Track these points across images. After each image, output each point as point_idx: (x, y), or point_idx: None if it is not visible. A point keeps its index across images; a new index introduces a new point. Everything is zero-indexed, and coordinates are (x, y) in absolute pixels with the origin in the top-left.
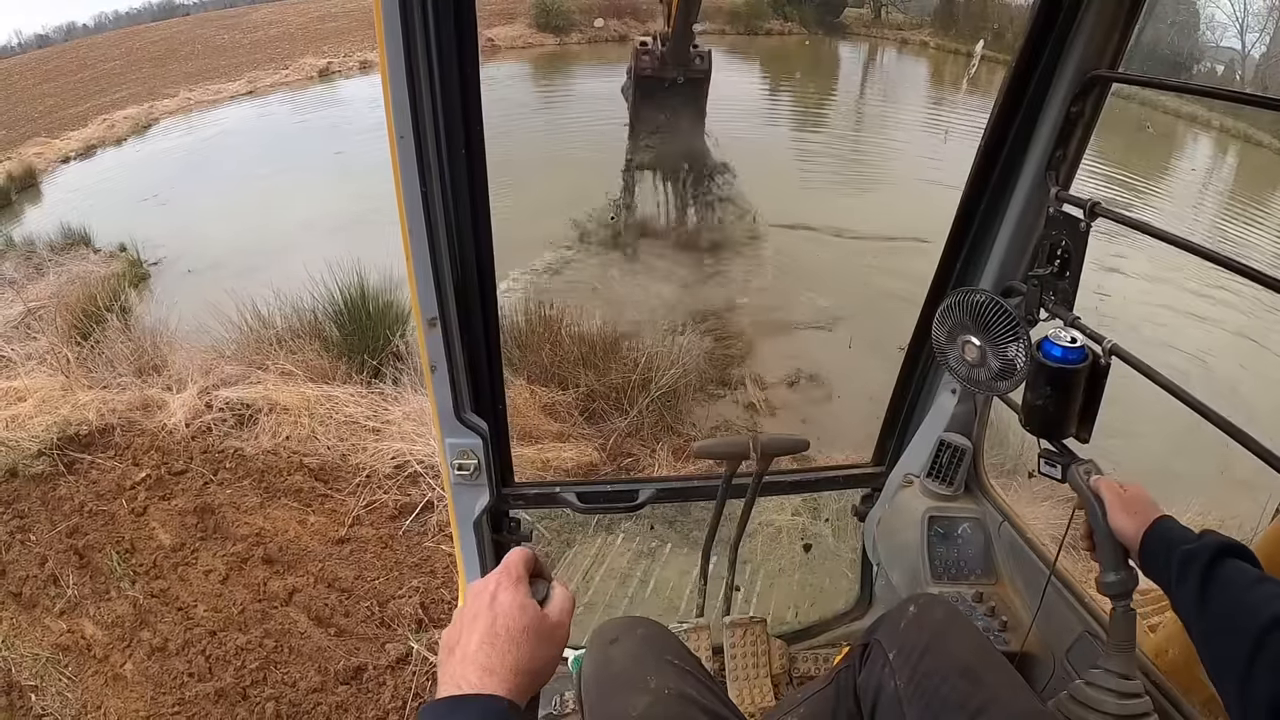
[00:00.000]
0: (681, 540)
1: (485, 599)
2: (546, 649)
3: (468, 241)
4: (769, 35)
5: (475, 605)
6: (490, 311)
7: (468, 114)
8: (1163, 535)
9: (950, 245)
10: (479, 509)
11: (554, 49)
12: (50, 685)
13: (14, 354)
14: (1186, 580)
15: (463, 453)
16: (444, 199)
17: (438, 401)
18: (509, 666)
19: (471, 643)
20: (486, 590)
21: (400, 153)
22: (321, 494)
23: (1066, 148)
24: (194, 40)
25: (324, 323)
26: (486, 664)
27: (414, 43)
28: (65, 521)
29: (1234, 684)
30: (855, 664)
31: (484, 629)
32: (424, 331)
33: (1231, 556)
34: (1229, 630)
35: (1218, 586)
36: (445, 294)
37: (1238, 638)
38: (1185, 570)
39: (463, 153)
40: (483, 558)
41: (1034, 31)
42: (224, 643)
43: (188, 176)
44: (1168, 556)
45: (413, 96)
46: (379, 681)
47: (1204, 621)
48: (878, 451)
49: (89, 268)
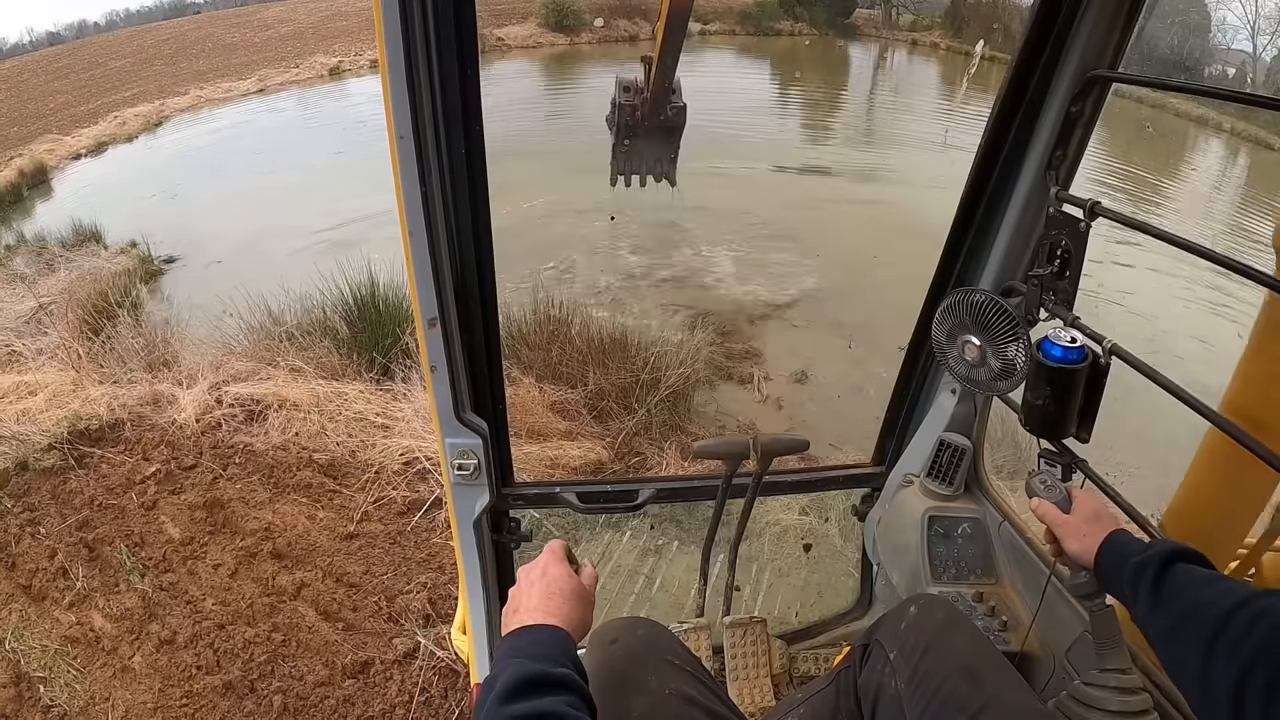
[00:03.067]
0: (688, 538)
1: (539, 571)
2: (585, 608)
3: (468, 242)
4: (779, 35)
5: (531, 575)
6: (490, 312)
7: (468, 114)
8: (1115, 551)
9: (950, 245)
10: (479, 509)
11: (564, 49)
12: (59, 677)
13: (25, 349)
14: (1139, 589)
15: (463, 453)
16: (444, 199)
17: (438, 401)
18: (564, 614)
19: (532, 599)
20: (539, 565)
21: (400, 153)
22: (330, 490)
23: (1066, 147)
24: (205, 38)
25: (334, 320)
26: (546, 610)
27: (414, 43)
28: (75, 515)
29: (1194, 678)
30: (855, 664)
31: (541, 590)
32: (424, 332)
33: (1182, 561)
34: (1185, 627)
35: (1171, 590)
36: (445, 294)
37: (1194, 631)
38: (1138, 580)
39: (463, 153)
40: (483, 558)
41: (1034, 31)
42: (232, 636)
43: (198, 174)
44: (1120, 570)
45: (413, 97)
46: (386, 676)
47: (1160, 622)
48: (878, 451)
49: (100, 264)
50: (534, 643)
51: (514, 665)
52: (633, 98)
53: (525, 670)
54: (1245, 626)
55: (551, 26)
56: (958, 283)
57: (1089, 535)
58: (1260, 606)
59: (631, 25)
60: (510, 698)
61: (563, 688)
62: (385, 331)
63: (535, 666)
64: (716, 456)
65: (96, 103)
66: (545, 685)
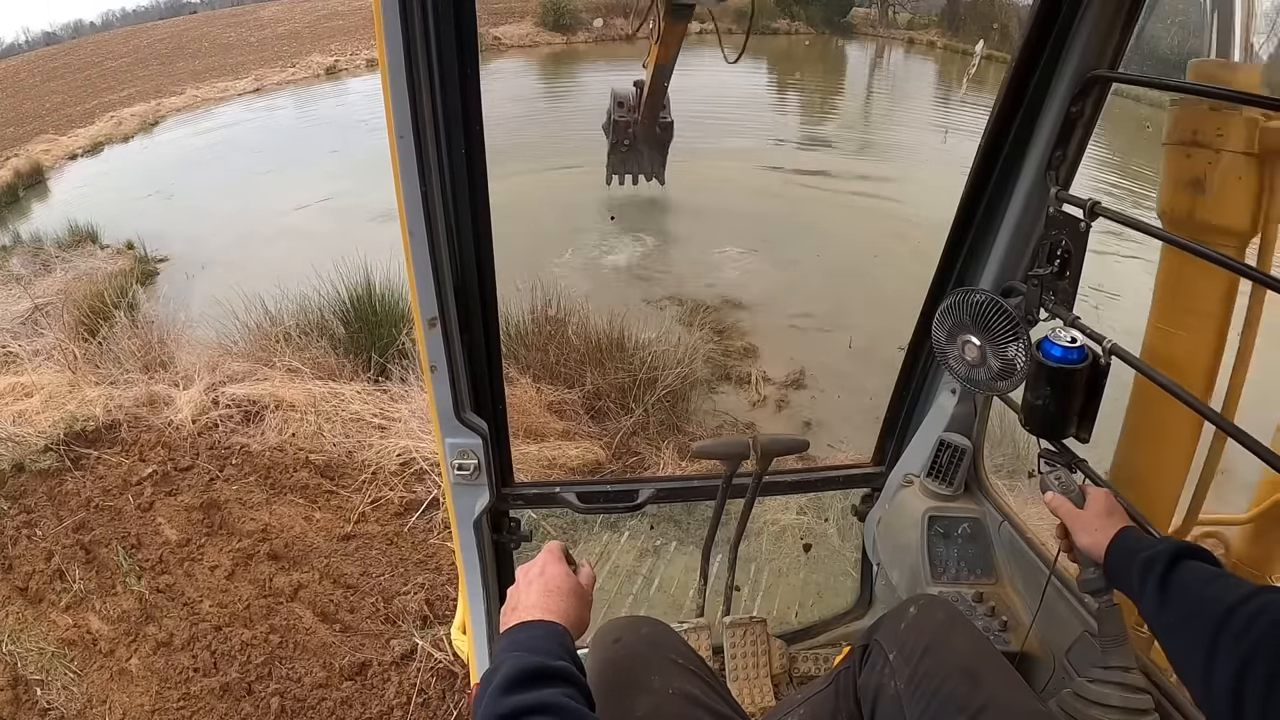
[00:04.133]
0: (687, 537)
1: (537, 569)
2: (583, 606)
3: (468, 241)
4: (775, 34)
5: (529, 574)
6: (490, 311)
7: (468, 113)
8: (1124, 547)
9: (950, 245)
10: (479, 509)
11: (561, 48)
12: (56, 679)
13: (21, 350)
14: (1147, 584)
15: (463, 453)
16: (444, 199)
17: (437, 401)
18: (561, 611)
19: (530, 597)
20: (537, 564)
21: (400, 152)
22: (327, 490)
23: (1066, 148)
24: (201, 38)
25: (330, 320)
26: (545, 608)
27: (414, 42)
28: (71, 517)
29: (1198, 673)
30: (855, 664)
31: (540, 588)
32: (424, 331)
33: (1190, 558)
34: (1190, 622)
35: (1177, 586)
36: (445, 294)
37: (1198, 625)
38: (1145, 575)
39: (463, 152)
40: (482, 558)
41: (1034, 31)
42: (229, 638)
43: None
44: (1129, 566)
45: (412, 96)
46: (383, 677)
47: (1165, 618)
48: (878, 451)
49: (96, 264)
50: (533, 637)
51: (513, 658)
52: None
53: (525, 662)
54: (1246, 621)
55: (549, 26)
56: (958, 283)
57: (1100, 530)
58: (1262, 602)
59: (629, 24)
60: (510, 689)
61: (562, 680)
62: (382, 332)
63: (534, 659)
64: (716, 457)
65: (92, 103)
66: (545, 677)
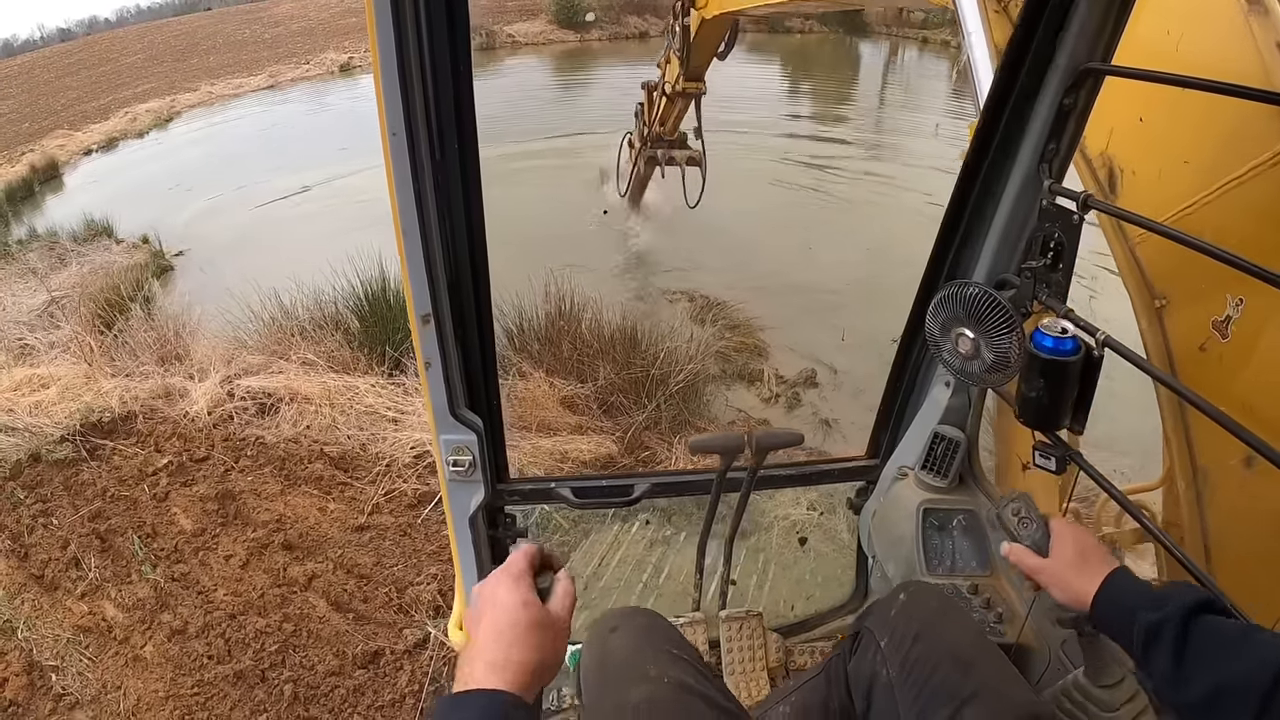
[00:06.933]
0: (695, 529)
1: (488, 598)
2: (550, 642)
3: (461, 238)
4: (789, 33)
5: (480, 606)
6: (484, 308)
7: (461, 110)
8: (1117, 601)
9: (943, 237)
10: (474, 505)
11: (574, 45)
12: (71, 665)
13: (38, 342)
14: (1157, 655)
15: (458, 449)
16: (437, 196)
17: (432, 398)
18: (515, 661)
19: (478, 640)
20: (490, 587)
21: (393, 149)
22: (341, 482)
23: (1059, 140)
24: (215, 35)
25: (345, 314)
26: (492, 660)
27: (406, 38)
28: (87, 506)
29: None
30: (846, 652)
31: (488, 627)
32: (418, 328)
33: (1203, 613)
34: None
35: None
36: (439, 291)
37: (1234, 706)
38: (1154, 643)
39: (456, 149)
40: (479, 554)
41: (1025, 24)
42: (243, 626)
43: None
44: (1127, 628)
45: (405, 93)
46: (396, 666)
47: (1189, 695)
48: (872, 444)
49: (111, 258)
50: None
51: None
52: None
53: None
54: None
55: (562, 23)
56: (951, 275)
57: (1078, 580)
58: None
59: (641, 22)
60: None
61: None
62: (396, 325)
63: None
64: (712, 451)
65: (107, 98)
66: None
